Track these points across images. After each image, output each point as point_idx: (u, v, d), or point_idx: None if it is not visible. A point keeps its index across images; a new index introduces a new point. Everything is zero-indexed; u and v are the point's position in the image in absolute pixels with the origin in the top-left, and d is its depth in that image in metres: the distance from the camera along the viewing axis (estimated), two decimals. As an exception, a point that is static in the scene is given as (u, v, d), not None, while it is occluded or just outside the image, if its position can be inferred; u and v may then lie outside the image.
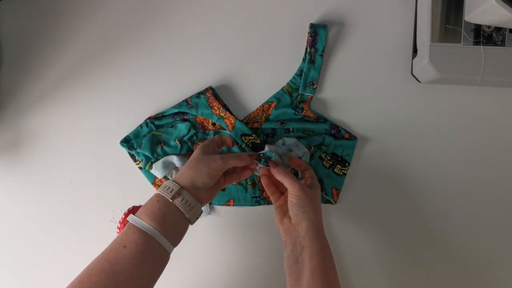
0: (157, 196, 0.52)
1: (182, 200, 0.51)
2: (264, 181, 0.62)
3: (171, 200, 0.51)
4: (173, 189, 0.52)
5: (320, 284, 0.51)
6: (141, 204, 0.53)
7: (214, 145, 0.59)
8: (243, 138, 0.66)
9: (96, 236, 0.70)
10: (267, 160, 0.59)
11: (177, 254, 0.53)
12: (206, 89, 0.68)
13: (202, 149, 0.57)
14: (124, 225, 0.51)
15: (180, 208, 0.51)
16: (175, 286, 0.68)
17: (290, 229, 0.56)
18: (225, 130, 0.67)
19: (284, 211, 0.59)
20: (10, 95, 0.72)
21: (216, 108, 0.66)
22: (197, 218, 0.54)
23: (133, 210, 0.52)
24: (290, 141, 0.64)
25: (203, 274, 0.68)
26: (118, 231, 0.52)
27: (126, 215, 0.52)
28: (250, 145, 0.65)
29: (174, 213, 0.51)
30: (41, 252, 0.70)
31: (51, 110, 0.71)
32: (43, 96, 0.71)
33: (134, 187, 0.69)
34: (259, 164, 0.60)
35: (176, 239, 0.52)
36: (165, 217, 0.50)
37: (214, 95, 0.68)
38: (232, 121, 0.66)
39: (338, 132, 0.66)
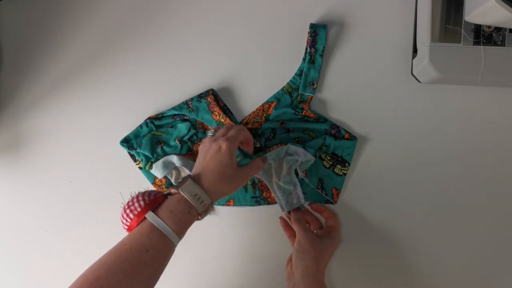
0: (185, 201, 0.50)
1: (206, 212, 0.52)
2: (281, 222, 0.66)
3: (199, 216, 0.51)
4: (204, 203, 0.51)
5: None
6: (148, 189, 0.53)
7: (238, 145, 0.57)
8: None
9: (95, 236, 0.70)
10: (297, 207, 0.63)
11: (177, 255, 0.52)
12: (208, 93, 0.68)
13: (232, 155, 0.53)
14: (139, 218, 0.49)
15: (201, 217, 0.52)
16: (175, 286, 0.68)
17: (290, 274, 0.58)
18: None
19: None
20: (10, 95, 0.72)
21: (216, 113, 0.66)
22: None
23: (150, 204, 0.50)
24: (295, 149, 0.63)
25: (202, 274, 0.68)
26: (126, 218, 0.50)
27: (143, 209, 0.49)
28: None
29: (194, 218, 0.52)
30: (40, 251, 0.70)
31: (51, 110, 0.71)
32: (43, 96, 0.71)
33: (134, 187, 0.69)
34: (284, 208, 0.64)
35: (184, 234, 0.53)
36: (187, 223, 0.51)
37: (214, 95, 0.68)
38: None
39: (338, 132, 0.66)
